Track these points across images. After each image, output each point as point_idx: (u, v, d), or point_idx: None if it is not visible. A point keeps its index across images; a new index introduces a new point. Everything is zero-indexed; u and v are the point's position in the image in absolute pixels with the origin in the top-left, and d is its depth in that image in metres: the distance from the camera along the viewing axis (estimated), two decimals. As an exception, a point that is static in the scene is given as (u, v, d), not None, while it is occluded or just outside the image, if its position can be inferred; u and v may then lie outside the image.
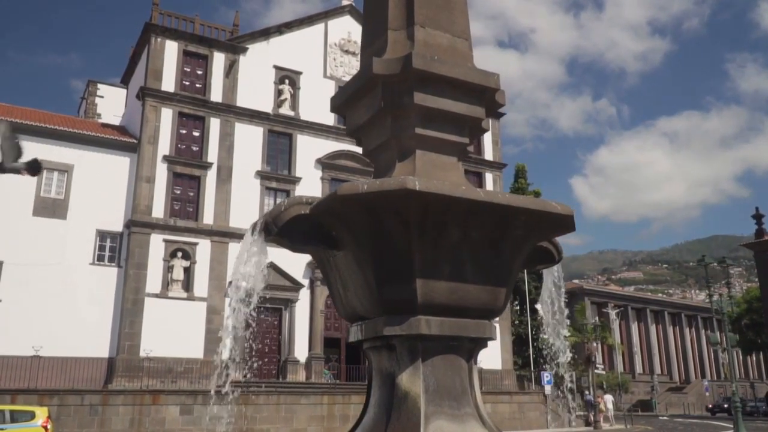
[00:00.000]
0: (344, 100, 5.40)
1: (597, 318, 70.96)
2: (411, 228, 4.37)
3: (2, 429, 18.17)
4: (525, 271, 45.08)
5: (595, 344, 58.40)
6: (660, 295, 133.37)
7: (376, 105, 5.02)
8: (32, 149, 30.54)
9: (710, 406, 60.02)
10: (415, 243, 4.39)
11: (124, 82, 39.87)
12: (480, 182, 41.71)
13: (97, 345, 28.98)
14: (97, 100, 50.07)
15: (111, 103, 45.19)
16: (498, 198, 4.49)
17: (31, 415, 19.06)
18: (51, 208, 30.19)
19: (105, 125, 37.14)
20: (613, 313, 59.38)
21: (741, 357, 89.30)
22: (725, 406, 54.89)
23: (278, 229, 4.59)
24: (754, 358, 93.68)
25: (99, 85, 50.22)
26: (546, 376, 33.58)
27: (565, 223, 4.82)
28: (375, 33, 5.46)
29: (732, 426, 33.36)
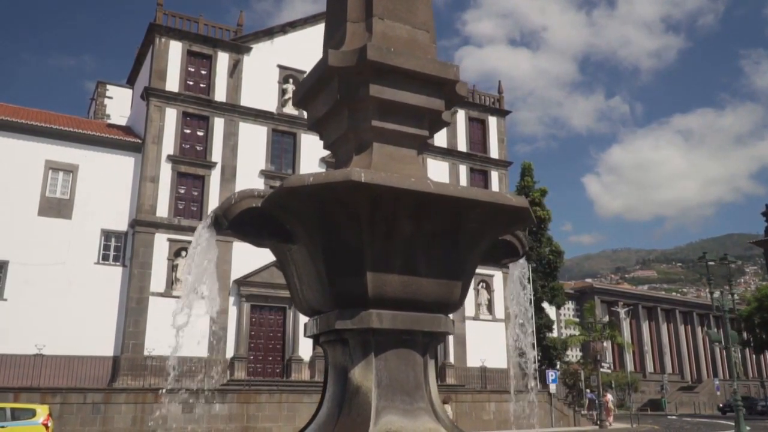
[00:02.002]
0: (303, 94, 5.36)
1: (607, 317, 70.61)
2: (360, 221, 4.32)
3: (3, 427, 18.31)
4: (529, 270, 44.98)
5: (604, 343, 58.05)
6: (674, 294, 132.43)
7: (333, 98, 4.98)
8: (37, 150, 31.03)
9: (721, 405, 59.46)
10: (365, 236, 4.35)
11: (130, 82, 40.11)
12: (485, 181, 41.60)
13: (102, 344, 29.16)
14: (106, 101, 50.45)
15: (120, 104, 45.51)
16: (449, 190, 4.42)
17: (32, 413, 19.21)
18: (56, 207, 30.41)
19: (111, 125, 37.39)
20: (622, 312, 58.92)
21: (755, 356, 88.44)
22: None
23: (228, 222, 4.57)
24: (767, 357, 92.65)
25: (108, 86, 50.59)
26: (551, 375, 33.36)
27: (521, 216, 4.76)
28: (335, 26, 5.42)
29: (745, 426, 33.00)
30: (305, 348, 33.12)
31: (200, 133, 33.97)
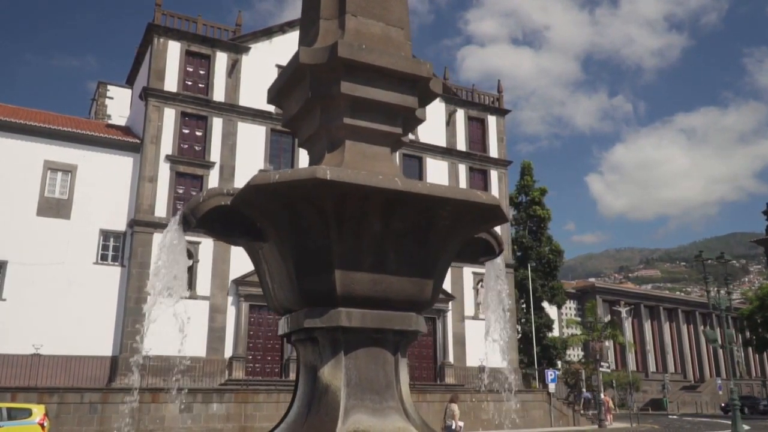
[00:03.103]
0: (277, 92, 5.34)
1: (609, 316, 70.43)
2: (328, 219, 4.29)
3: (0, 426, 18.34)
4: (529, 269, 45.06)
5: (606, 343, 57.95)
6: (678, 293, 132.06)
7: (305, 95, 4.96)
8: (36, 150, 31.07)
9: (723, 404, 59.23)
10: (333, 234, 4.32)
11: (129, 82, 40.14)
12: (485, 180, 41.54)
13: (101, 344, 29.20)
14: (107, 101, 50.60)
15: (120, 104, 45.63)
16: (417, 187, 4.39)
17: (28, 413, 19.22)
18: (55, 208, 30.46)
19: (110, 126, 37.44)
20: (623, 311, 58.72)
21: (758, 356, 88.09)
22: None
23: (197, 220, 4.56)
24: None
25: (109, 87, 50.74)
26: (550, 374, 33.28)
27: (493, 214, 4.72)
28: (309, 23, 5.40)
29: (744, 425, 32.93)
30: (304, 348, 33.13)
31: (199, 133, 33.99)
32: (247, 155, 34.47)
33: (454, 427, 18.88)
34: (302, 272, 4.43)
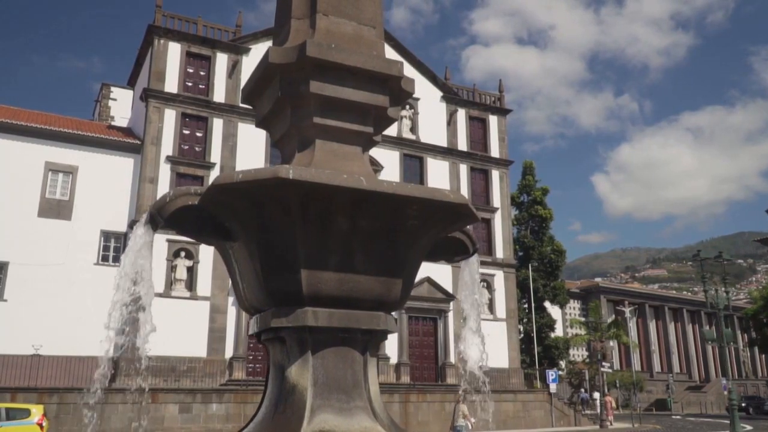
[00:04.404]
0: (249, 91, 5.34)
1: (613, 316, 70.21)
2: (293, 218, 4.28)
3: (-2, 426, 18.42)
4: (530, 269, 44.98)
5: (611, 343, 57.77)
6: (685, 292, 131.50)
7: (275, 95, 4.97)
8: (37, 151, 31.20)
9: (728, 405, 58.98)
10: (299, 233, 4.32)
11: (131, 84, 40.29)
12: (486, 180, 41.49)
13: (101, 344, 29.23)
14: (111, 102, 50.72)
15: (124, 106, 45.73)
16: (383, 186, 4.37)
17: (27, 413, 19.32)
18: (56, 209, 30.59)
19: (111, 127, 37.57)
20: (627, 311, 58.58)
21: (764, 356, 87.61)
22: (743, 405, 53.93)
23: (164, 220, 4.55)
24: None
25: (112, 88, 50.86)
26: (551, 375, 33.21)
27: (462, 213, 4.70)
28: (281, 23, 5.41)
29: (747, 426, 32.84)
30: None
31: (199, 134, 34.08)
32: (248, 156, 34.52)
33: (469, 426, 18.92)
34: (269, 271, 4.43)
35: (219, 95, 34.79)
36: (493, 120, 43.10)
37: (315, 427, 4.22)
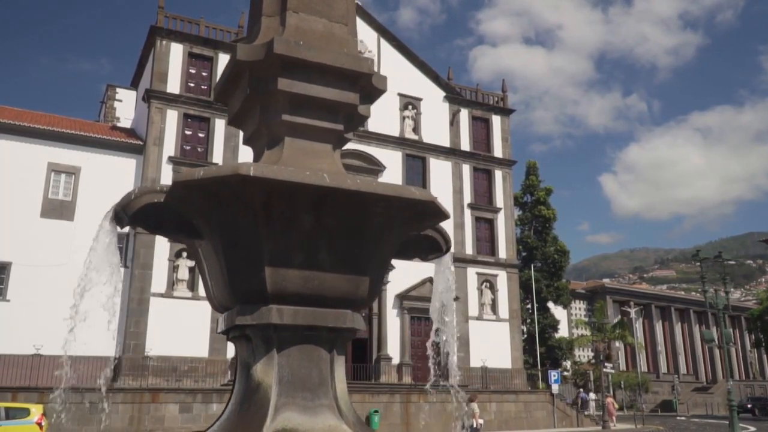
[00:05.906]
0: (220, 89, 5.33)
1: (619, 316, 69.88)
2: (257, 215, 4.27)
3: (-3, 426, 18.51)
4: (532, 269, 44.82)
5: (616, 343, 57.48)
6: (693, 293, 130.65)
7: (245, 93, 4.96)
8: (40, 152, 31.32)
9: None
10: (262, 230, 4.30)
11: (134, 85, 40.46)
12: (489, 180, 41.40)
13: (103, 344, 29.35)
14: (116, 103, 50.94)
15: (129, 107, 45.93)
16: (346, 183, 4.34)
17: (27, 412, 19.39)
18: (58, 209, 30.73)
19: (114, 128, 37.72)
20: (632, 312, 58.28)
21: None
22: (749, 406, 53.61)
23: (129, 217, 4.56)
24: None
25: (118, 89, 51.07)
26: (553, 375, 33.07)
27: (429, 211, 4.67)
28: (253, 21, 5.40)
29: (751, 427, 32.63)
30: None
31: (201, 135, 34.17)
32: (249, 156, 34.32)
33: (475, 425, 18.88)
34: (234, 269, 4.42)
35: (221, 96, 34.83)
36: (496, 120, 43.02)
37: (278, 425, 4.21)
